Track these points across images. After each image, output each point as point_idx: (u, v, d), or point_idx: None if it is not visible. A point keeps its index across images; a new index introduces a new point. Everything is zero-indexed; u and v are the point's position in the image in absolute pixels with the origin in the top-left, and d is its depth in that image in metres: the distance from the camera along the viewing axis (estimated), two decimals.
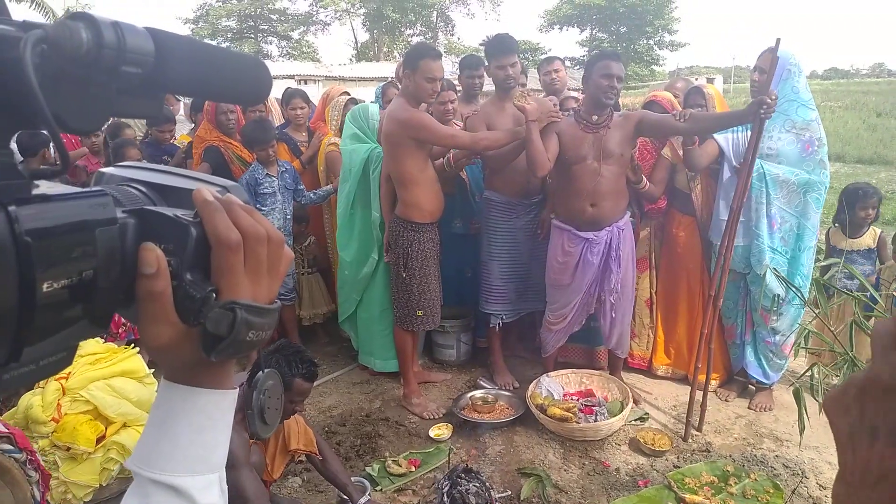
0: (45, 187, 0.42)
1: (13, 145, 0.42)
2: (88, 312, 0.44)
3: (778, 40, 2.97)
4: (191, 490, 0.51)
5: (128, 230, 0.46)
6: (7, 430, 1.69)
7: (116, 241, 0.45)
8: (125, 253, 0.46)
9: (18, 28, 0.39)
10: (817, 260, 3.44)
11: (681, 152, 3.50)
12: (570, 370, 3.75)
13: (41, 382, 2.64)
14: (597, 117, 3.23)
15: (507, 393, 3.68)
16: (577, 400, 3.46)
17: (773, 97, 2.91)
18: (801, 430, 2.00)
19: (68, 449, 2.51)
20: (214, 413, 0.54)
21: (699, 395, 3.29)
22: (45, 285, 0.39)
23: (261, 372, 0.61)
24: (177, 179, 0.55)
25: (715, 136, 3.39)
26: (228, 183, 0.56)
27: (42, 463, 1.80)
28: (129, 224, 0.47)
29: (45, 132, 0.40)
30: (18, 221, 0.38)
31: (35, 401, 2.57)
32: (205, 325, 0.48)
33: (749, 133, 3.36)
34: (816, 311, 2.46)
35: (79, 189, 0.45)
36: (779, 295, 3.32)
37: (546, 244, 3.55)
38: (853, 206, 3.57)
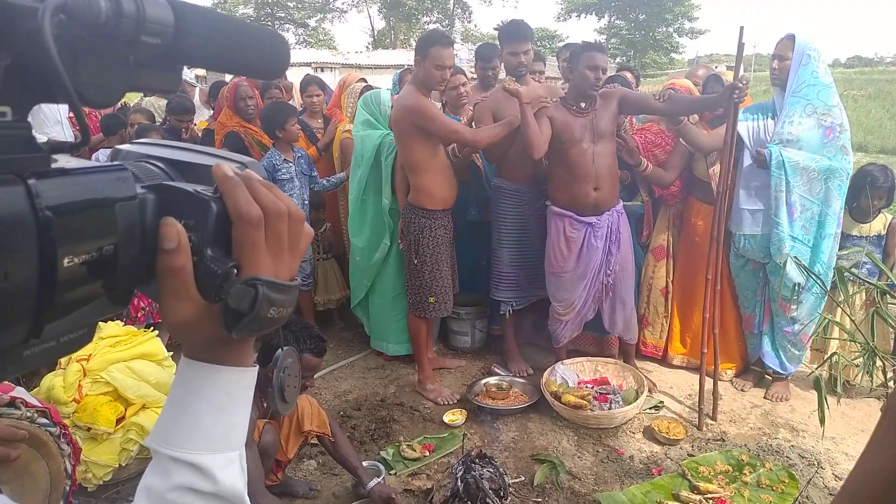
0: (63, 161, 0.42)
1: (30, 117, 0.41)
2: (109, 289, 0.43)
3: (741, 28, 2.96)
4: (212, 468, 0.51)
5: (147, 206, 0.46)
6: (42, 405, 1.74)
7: (136, 217, 0.45)
8: (145, 228, 0.46)
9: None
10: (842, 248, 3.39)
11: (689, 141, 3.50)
12: (584, 358, 3.74)
13: (63, 363, 2.69)
14: (584, 104, 3.28)
15: (521, 380, 3.69)
16: (592, 388, 3.46)
17: (745, 82, 2.97)
18: (822, 421, 1.98)
19: (89, 429, 2.55)
20: (235, 391, 0.53)
21: (710, 383, 3.27)
22: (65, 261, 0.38)
23: (280, 350, 0.61)
24: (194, 156, 0.54)
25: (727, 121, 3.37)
26: (246, 159, 0.56)
27: (73, 437, 1.85)
28: (149, 199, 0.46)
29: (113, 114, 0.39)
30: (39, 196, 0.37)
31: (57, 381, 2.62)
32: (226, 301, 0.47)
33: (769, 120, 3.34)
34: (838, 301, 2.43)
35: (98, 164, 0.44)
36: (799, 284, 3.29)
37: None
38: (861, 192, 3.43)
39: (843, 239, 3.46)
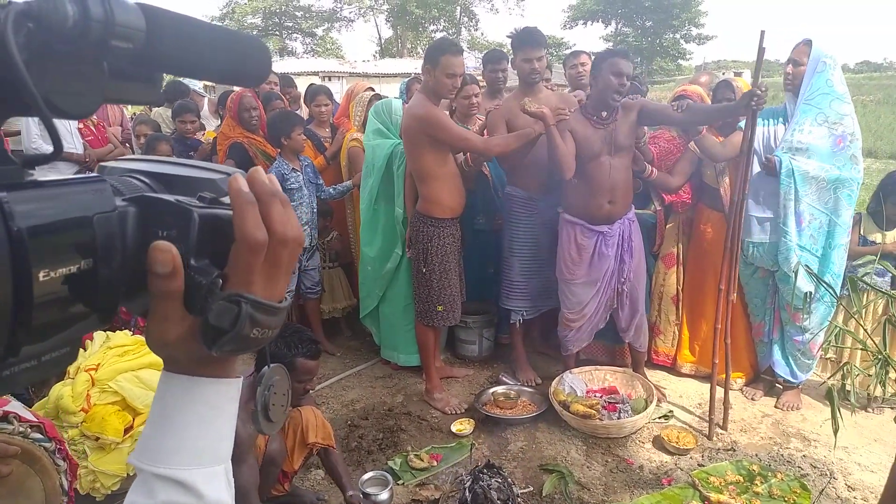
0: (38, 174, 0.41)
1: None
2: (91, 306, 0.42)
3: (762, 33, 2.90)
4: (196, 483, 0.50)
5: (128, 218, 0.45)
6: (37, 420, 1.71)
7: (116, 230, 0.43)
8: (126, 242, 0.44)
9: (1, 5, 0.37)
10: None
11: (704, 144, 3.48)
12: (593, 367, 3.72)
13: (71, 372, 2.70)
14: (605, 113, 3.23)
15: (529, 389, 3.67)
16: (601, 397, 3.43)
17: (763, 89, 2.91)
18: (836, 431, 1.95)
19: (97, 439, 2.55)
20: (218, 403, 0.52)
21: (720, 392, 3.25)
22: (41, 275, 0.37)
23: (266, 367, 0.59)
24: (179, 168, 0.53)
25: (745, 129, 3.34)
26: (231, 170, 0.54)
27: (70, 452, 1.82)
28: (130, 212, 0.45)
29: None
30: (10, 208, 0.36)
31: (65, 391, 2.62)
32: (207, 316, 0.46)
33: (780, 126, 3.33)
34: (851, 311, 2.40)
35: (74, 177, 0.43)
36: (809, 293, 3.26)
37: None
38: (889, 198, 3.41)
39: (864, 245, 3.43)
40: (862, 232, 3.55)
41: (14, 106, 0.39)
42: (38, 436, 1.66)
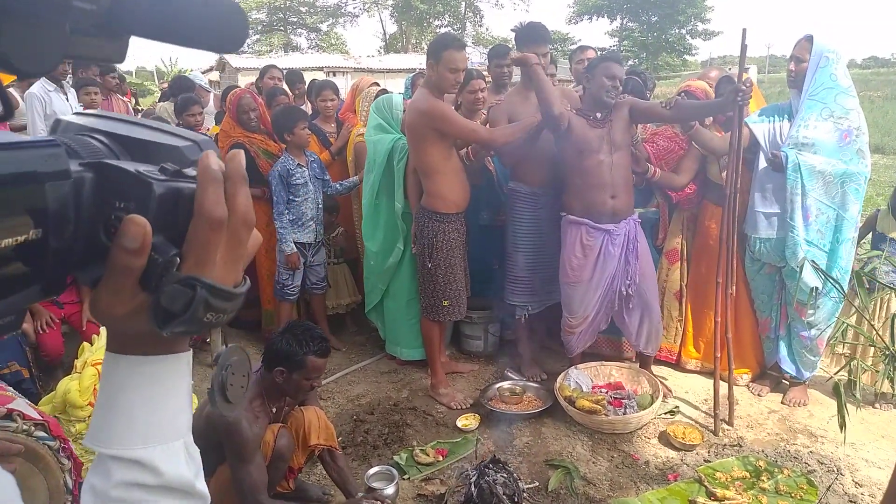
0: None
1: None
2: (39, 276, 0.40)
3: (744, 31, 2.96)
4: (154, 460, 0.49)
5: (84, 185, 0.42)
6: (42, 418, 1.70)
7: (69, 197, 0.41)
8: (80, 211, 0.42)
9: None
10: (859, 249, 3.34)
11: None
12: (598, 363, 3.71)
13: (78, 367, 2.70)
14: (601, 114, 3.29)
15: (534, 384, 3.67)
16: (606, 392, 3.43)
17: (748, 84, 2.97)
18: (842, 427, 1.95)
19: None
20: (169, 380, 0.51)
21: (725, 388, 3.24)
22: None
23: (223, 346, 0.58)
24: (143, 131, 0.50)
25: (751, 125, 3.34)
26: (200, 138, 0.52)
27: (76, 448, 1.81)
28: (86, 178, 0.42)
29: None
30: None
31: (73, 385, 2.63)
32: (159, 298, 0.44)
33: (785, 122, 3.31)
34: (856, 306, 2.39)
35: (27, 139, 0.40)
36: (816, 288, 3.25)
37: None
38: None
39: (880, 241, 3.42)
40: (879, 229, 3.52)
41: None
42: (42, 434, 1.64)
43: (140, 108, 6.00)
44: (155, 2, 0.43)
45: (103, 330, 2.85)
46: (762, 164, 3.33)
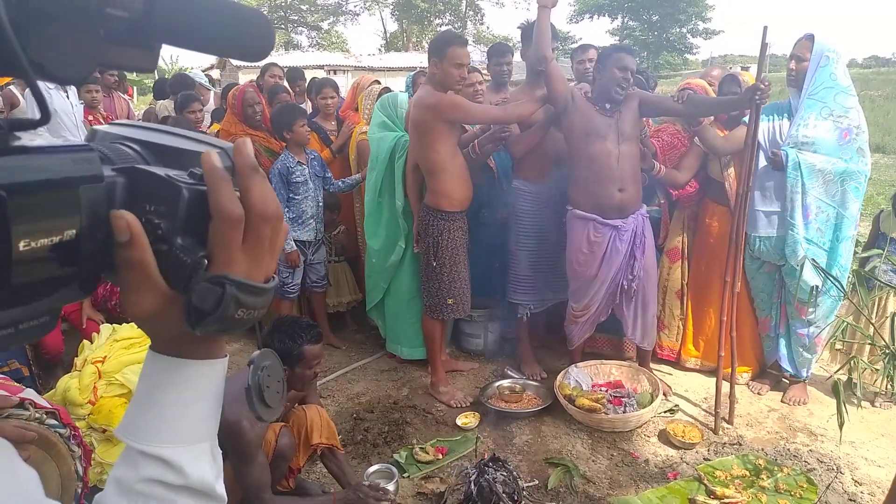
0: (25, 140, 0.40)
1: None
2: (73, 276, 0.41)
3: (765, 28, 2.92)
4: (180, 461, 0.50)
5: (116, 189, 0.44)
6: (52, 406, 1.73)
7: (103, 201, 0.42)
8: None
9: None
10: (858, 244, 3.33)
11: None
12: (598, 361, 3.71)
13: (78, 365, 2.71)
14: (609, 105, 3.25)
15: (534, 383, 3.67)
16: (606, 391, 3.43)
17: (766, 84, 2.94)
18: (841, 425, 1.94)
19: (104, 431, 2.57)
20: (202, 384, 0.52)
21: (726, 386, 3.24)
22: (21, 243, 0.36)
23: (256, 351, 0.58)
24: (174, 139, 0.52)
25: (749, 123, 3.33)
26: (227, 144, 0.53)
27: (84, 438, 1.84)
28: (118, 183, 0.44)
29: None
30: None
31: (72, 383, 2.63)
32: (190, 297, 0.45)
33: (784, 121, 3.31)
34: (857, 304, 2.39)
35: (64, 143, 0.42)
36: (816, 286, 3.25)
37: None
38: None
39: (881, 241, 3.41)
40: (882, 229, 3.51)
41: (7, 67, 0.37)
42: (54, 422, 1.69)
43: (142, 108, 6.00)
44: (185, 11, 0.44)
45: (103, 328, 2.86)
46: (762, 162, 3.33)
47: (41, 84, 0.38)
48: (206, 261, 0.46)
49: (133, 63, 0.45)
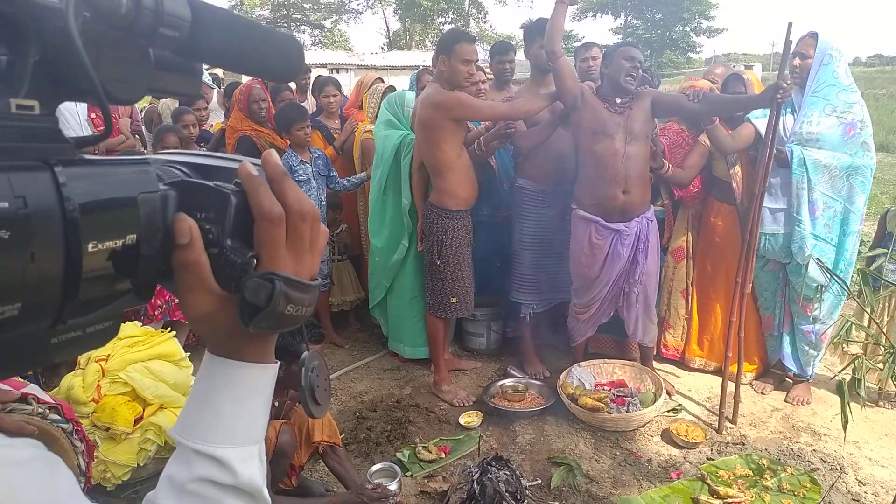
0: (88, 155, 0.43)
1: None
2: (134, 281, 0.44)
3: (790, 24, 2.92)
4: (232, 461, 0.52)
5: (169, 200, 0.47)
6: (54, 402, 1.76)
7: (158, 209, 0.46)
8: (166, 222, 0.47)
9: None
10: (862, 244, 3.32)
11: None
12: (601, 360, 3.71)
13: (82, 363, 2.71)
14: (620, 99, 3.21)
15: (537, 382, 3.67)
16: (609, 390, 3.42)
17: (788, 82, 2.92)
18: (845, 425, 1.94)
19: (107, 429, 2.57)
20: (256, 386, 0.55)
21: (731, 385, 3.23)
22: (90, 246, 0.39)
23: (305, 352, 0.62)
24: (215, 160, 0.56)
25: (753, 119, 3.33)
26: (257, 161, 0.57)
27: (86, 429, 1.87)
28: (170, 195, 0.47)
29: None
30: (65, 182, 0.38)
31: (76, 381, 2.64)
32: (243, 293, 0.48)
33: (788, 117, 3.30)
34: (861, 304, 2.38)
35: (121, 157, 0.45)
36: (821, 284, 3.24)
37: None
38: None
39: (887, 240, 3.40)
40: (888, 228, 3.49)
41: (70, 91, 0.41)
42: (56, 417, 1.72)
43: (143, 107, 5.99)
44: (228, 33, 0.47)
45: None
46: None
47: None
48: (255, 260, 0.49)
49: (178, 87, 0.49)
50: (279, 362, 0.57)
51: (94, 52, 0.39)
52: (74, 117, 4.37)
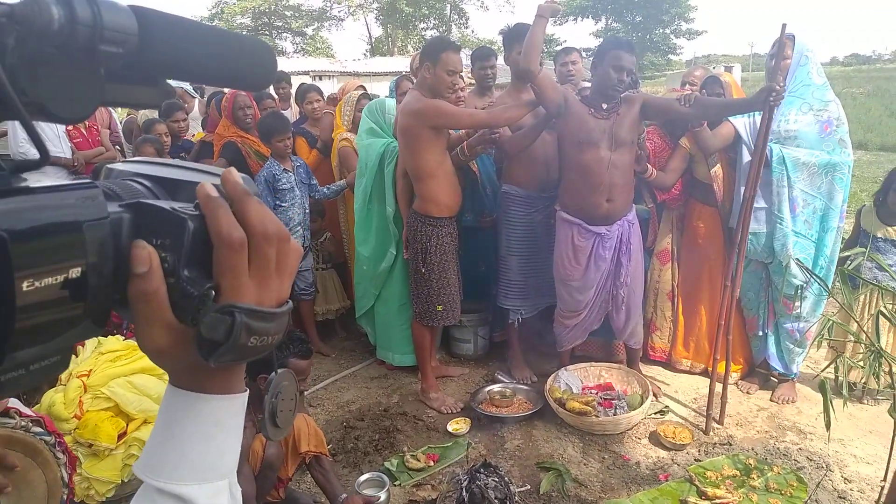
0: (31, 180, 0.40)
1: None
2: (84, 314, 0.41)
3: (784, 25, 2.97)
4: (198, 499, 0.49)
5: (122, 225, 0.44)
6: (36, 415, 1.76)
7: (108, 237, 0.42)
8: (119, 249, 0.43)
9: None
10: (843, 241, 3.37)
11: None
12: (588, 363, 3.72)
13: (63, 379, 2.68)
14: (606, 105, 3.18)
15: (524, 387, 3.66)
16: (597, 393, 3.43)
17: (781, 84, 2.91)
18: (828, 425, 1.95)
19: (90, 445, 2.54)
20: (222, 419, 0.51)
21: (719, 387, 3.25)
22: (24, 284, 0.36)
23: (274, 373, 0.57)
24: (186, 173, 0.52)
25: (732, 119, 3.35)
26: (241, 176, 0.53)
27: (69, 446, 1.87)
28: (124, 218, 0.44)
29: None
30: None
31: (57, 398, 2.60)
32: (199, 329, 0.45)
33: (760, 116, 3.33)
34: (841, 303, 2.40)
35: (65, 182, 0.41)
36: (803, 284, 3.27)
37: None
38: (889, 191, 3.40)
39: (863, 238, 3.44)
40: (863, 226, 3.54)
41: (3, 110, 0.37)
42: (39, 429, 1.74)
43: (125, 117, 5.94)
44: (184, 43, 0.43)
45: (88, 341, 2.82)
46: (746, 158, 3.35)
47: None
48: (213, 292, 0.46)
49: (137, 99, 0.45)
50: (247, 390, 0.54)
51: (29, 71, 0.36)
52: (52, 129, 4.32)
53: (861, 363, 2.35)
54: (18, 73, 0.36)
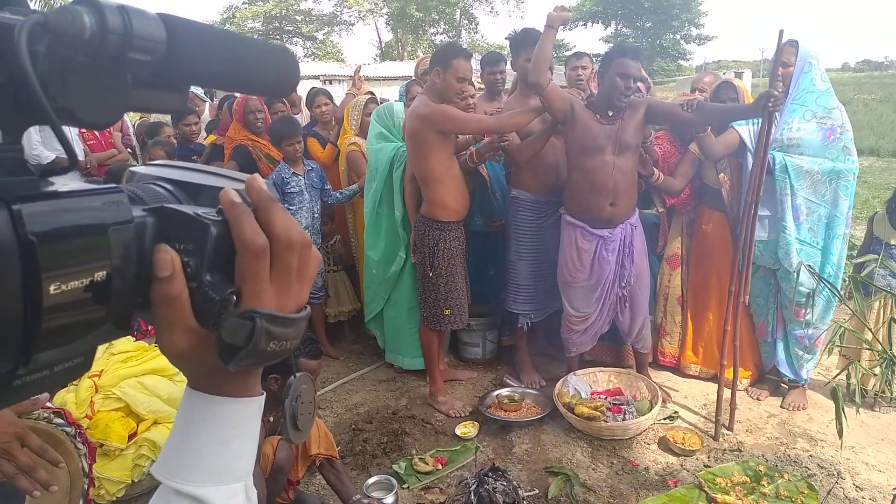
0: (58, 184, 0.41)
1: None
2: (106, 315, 0.42)
3: (781, 32, 2.95)
4: (215, 501, 0.50)
5: (146, 229, 0.44)
6: (57, 407, 1.81)
7: (132, 241, 0.43)
8: (142, 253, 0.44)
9: (24, 16, 0.36)
10: (852, 247, 3.34)
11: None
12: (597, 368, 3.71)
13: (74, 380, 2.70)
14: (612, 112, 3.19)
15: (533, 391, 3.66)
16: (605, 398, 3.42)
17: (780, 90, 2.91)
18: (840, 433, 1.94)
19: (101, 445, 2.55)
20: (239, 422, 0.52)
21: (727, 392, 3.23)
22: (52, 287, 0.37)
23: (293, 377, 0.58)
24: (209, 178, 0.52)
25: (736, 126, 3.35)
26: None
27: (88, 436, 1.92)
28: (148, 223, 0.44)
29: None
30: (23, 220, 0.36)
31: (69, 398, 2.63)
32: (220, 333, 0.46)
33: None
34: (854, 310, 2.39)
35: (92, 186, 0.42)
36: (812, 290, 3.25)
37: None
38: None
39: (875, 245, 3.42)
40: (875, 233, 3.51)
41: (33, 116, 0.38)
42: (60, 421, 1.79)
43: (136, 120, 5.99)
44: (212, 52, 0.44)
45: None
46: (751, 164, 3.34)
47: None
48: (234, 297, 0.46)
49: (162, 105, 0.45)
50: (264, 393, 0.55)
51: (60, 77, 0.37)
52: (67, 132, 4.36)
53: (874, 370, 2.34)
54: (49, 80, 0.36)
